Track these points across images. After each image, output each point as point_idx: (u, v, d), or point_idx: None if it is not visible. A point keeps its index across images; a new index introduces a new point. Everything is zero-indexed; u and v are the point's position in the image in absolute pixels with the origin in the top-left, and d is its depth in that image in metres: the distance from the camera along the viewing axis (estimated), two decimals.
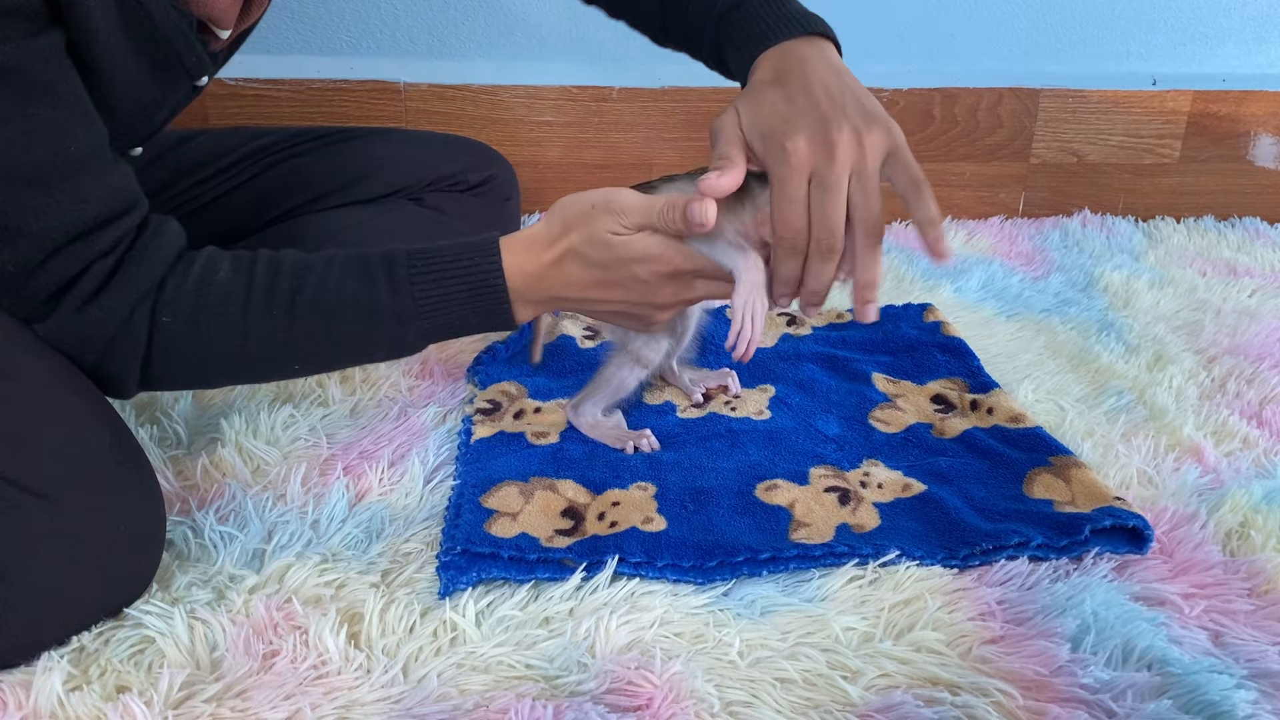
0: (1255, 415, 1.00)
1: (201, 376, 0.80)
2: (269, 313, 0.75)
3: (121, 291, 0.72)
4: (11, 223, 0.68)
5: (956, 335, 1.13)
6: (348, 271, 0.76)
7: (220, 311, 0.74)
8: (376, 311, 0.76)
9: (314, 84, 1.37)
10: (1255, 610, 0.74)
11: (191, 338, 0.75)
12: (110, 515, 0.71)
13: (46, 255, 0.70)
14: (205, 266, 0.75)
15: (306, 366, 0.80)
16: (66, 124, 0.69)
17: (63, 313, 0.72)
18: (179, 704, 0.64)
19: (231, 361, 0.77)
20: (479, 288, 0.77)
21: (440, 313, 0.77)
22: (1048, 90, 1.58)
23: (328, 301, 0.76)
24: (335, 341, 0.78)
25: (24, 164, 0.68)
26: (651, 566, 0.76)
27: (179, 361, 0.76)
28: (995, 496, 0.85)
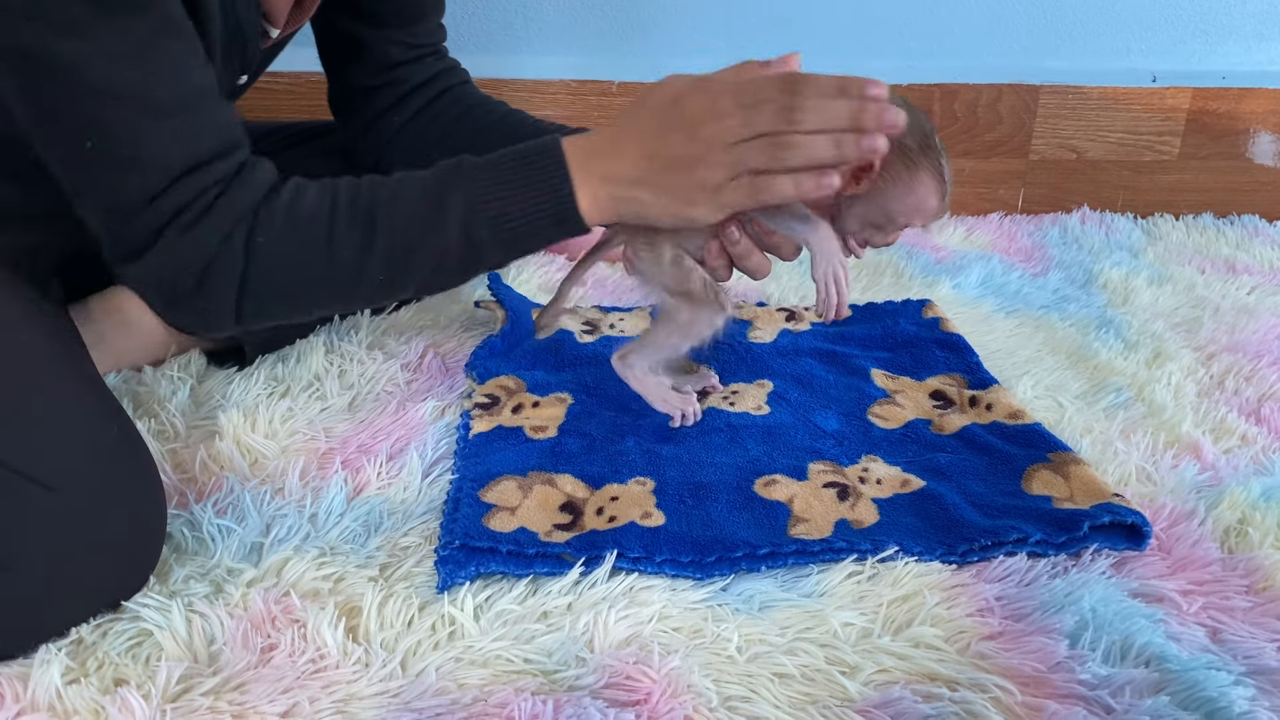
0: (1254, 412, 1.00)
1: (294, 297, 0.80)
2: (352, 221, 0.77)
3: (223, 216, 0.74)
4: (141, 149, 0.71)
5: (955, 331, 1.13)
6: (421, 176, 0.79)
7: (309, 224, 0.77)
8: (445, 200, 0.77)
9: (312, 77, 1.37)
10: (1253, 607, 0.74)
11: (284, 254, 0.76)
12: (113, 508, 0.71)
13: (169, 183, 0.72)
14: (294, 191, 0.78)
15: (390, 276, 0.79)
16: (190, 60, 0.73)
17: (167, 240, 0.73)
18: (177, 697, 0.64)
19: (322, 275, 0.78)
20: (540, 169, 0.78)
21: (504, 198, 0.77)
22: (1047, 86, 1.57)
23: (403, 200, 0.78)
24: (410, 240, 0.78)
25: (157, 95, 0.70)
26: (650, 561, 0.76)
27: (273, 281, 0.77)
28: (994, 492, 0.85)
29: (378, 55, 1.06)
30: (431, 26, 1.09)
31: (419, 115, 1.09)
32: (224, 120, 0.76)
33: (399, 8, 1.05)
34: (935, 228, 1.54)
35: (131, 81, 0.69)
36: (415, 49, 1.08)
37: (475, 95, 1.12)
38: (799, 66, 0.78)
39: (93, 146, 0.70)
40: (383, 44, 1.06)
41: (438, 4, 1.09)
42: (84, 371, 0.77)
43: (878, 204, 0.82)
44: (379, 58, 1.06)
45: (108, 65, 0.68)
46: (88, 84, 0.68)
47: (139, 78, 0.69)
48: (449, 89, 1.11)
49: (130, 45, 0.69)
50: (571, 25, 1.49)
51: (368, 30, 1.04)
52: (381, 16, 1.04)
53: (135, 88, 0.70)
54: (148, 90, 0.70)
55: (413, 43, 1.07)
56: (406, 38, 1.07)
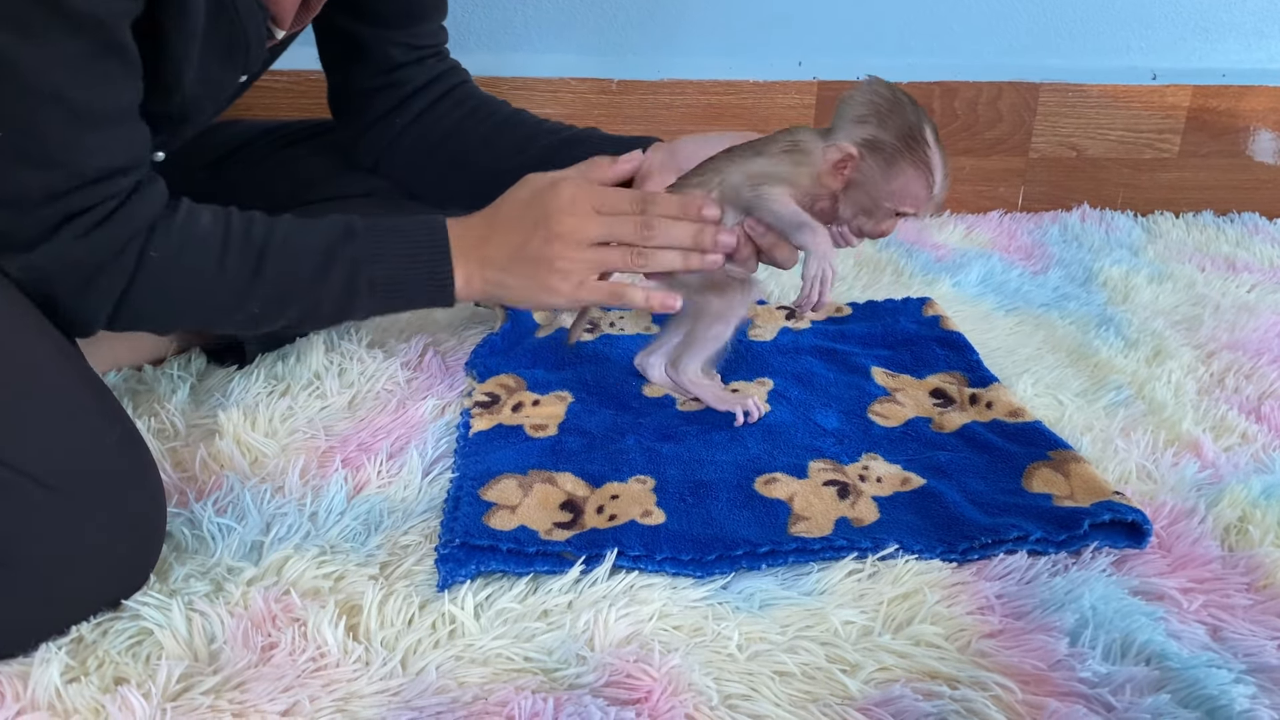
0: (1254, 410, 1.00)
1: (169, 313, 0.85)
2: (243, 252, 0.81)
3: (122, 226, 0.77)
4: (56, 154, 0.73)
5: (955, 329, 1.13)
6: (314, 224, 0.85)
7: (201, 248, 0.80)
8: (334, 253, 0.83)
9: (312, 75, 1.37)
10: (1253, 605, 0.74)
11: (172, 271, 0.80)
12: (114, 507, 0.71)
13: (73, 188, 0.74)
14: (189, 212, 0.81)
15: (264, 311, 0.84)
16: (126, 80, 0.76)
17: (61, 239, 0.75)
18: (177, 696, 0.64)
19: (201, 298, 0.83)
20: (425, 241, 0.86)
21: (386, 261, 0.85)
22: (1047, 84, 1.57)
23: (294, 244, 0.83)
24: (294, 281, 0.83)
25: (86, 106, 0.73)
26: (650, 560, 0.76)
27: (154, 296, 0.80)
28: (994, 490, 0.85)
29: (379, 56, 1.06)
30: (433, 28, 1.09)
31: (421, 117, 1.09)
32: (139, 139, 0.79)
33: (401, 8, 1.05)
34: (936, 222, 1.54)
35: (67, 88, 0.71)
36: (417, 50, 1.08)
37: (478, 95, 1.11)
38: (641, 163, 0.91)
39: (8, 138, 0.72)
40: (384, 45, 1.06)
41: (439, 5, 1.08)
42: (83, 370, 0.77)
43: (865, 192, 0.86)
44: (380, 59, 1.06)
45: (48, 68, 0.70)
46: (24, 81, 0.70)
47: (74, 86, 0.72)
48: (451, 90, 1.10)
49: (74, 55, 0.71)
50: (572, 23, 1.49)
51: (369, 30, 1.04)
52: (383, 17, 1.04)
53: (68, 95, 0.71)
54: (85, 102, 0.72)
55: (414, 44, 1.07)
56: (408, 39, 1.07)
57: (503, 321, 1.12)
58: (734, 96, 1.51)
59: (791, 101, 1.53)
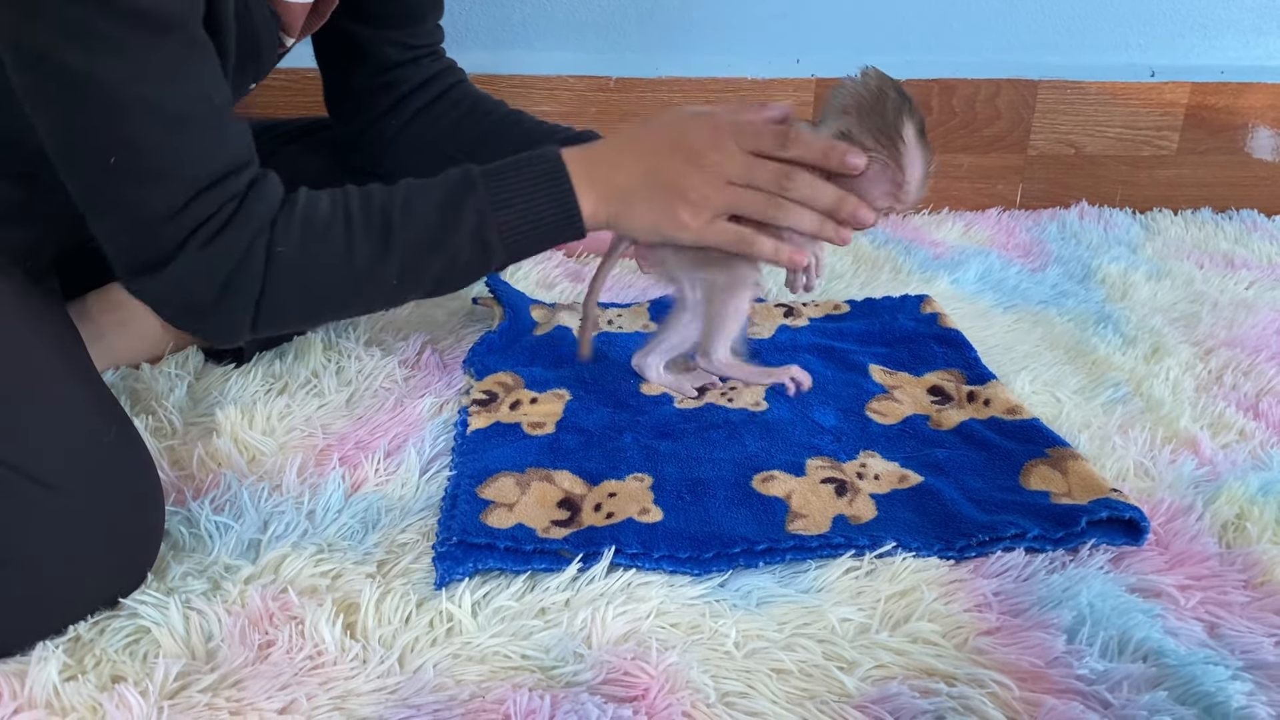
0: (1252, 407, 1.00)
1: (311, 305, 0.83)
2: (367, 227, 0.80)
3: (243, 228, 0.76)
4: (165, 164, 0.73)
5: (953, 327, 1.13)
6: (430, 184, 0.83)
7: (325, 234, 0.79)
8: (459, 209, 0.81)
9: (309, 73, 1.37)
10: (1251, 602, 0.74)
11: (302, 263, 0.79)
12: (111, 505, 0.71)
13: (190, 197, 0.74)
14: (307, 202, 0.80)
15: (403, 281, 0.83)
16: (214, 79, 0.75)
17: (188, 252, 0.75)
18: (174, 694, 0.64)
19: (337, 282, 0.81)
20: (544, 174, 0.83)
21: (514, 205, 0.82)
22: (1046, 82, 1.57)
23: (416, 208, 0.81)
24: (425, 244, 0.81)
25: (183, 110, 0.72)
26: (648, 557, 0.76)
27: (292, 290, 0.79)
28: (992, 488, 0.85)
29: (376, 56, 1.06)
30: (430, 28, 1.09)
31: (418, 116, 1.09)
32: (241, 137, 0.78)
33: (399, 8, 1.05)
34: (934, 219, 1.54)
35: (160, 98, 0.71)
36: (413, 50, 1.08)
37: (474, 94, 1.11)
38: (792, 113, 0.87)
39: (117, 161, 0.71)
40: (381, 45, 1.06)
41: (437, 4, 1.09)
42: (82, 369, 0.77)
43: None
44: (377, 59, 1.06)
45: (139, 82, 0.70)
46: (119, 101, 0.69)
47: (167, 94, 0.71)
48: (448, 90, 1.10)
49: (160, 63, 0.70)
50: (570, 21, 1.49)
51: (367, 31, 1.04)
52: (382, 18, 1.04)
53: (163, 104, 0.71)
54: (175, 106, 0.72)
55: (411, 44, 1.07)
56: (405, 39, 1.07)
57: (500, 319, 1.12)
58: (732, 94, 1.51)
59: (790, 99, 1.53)
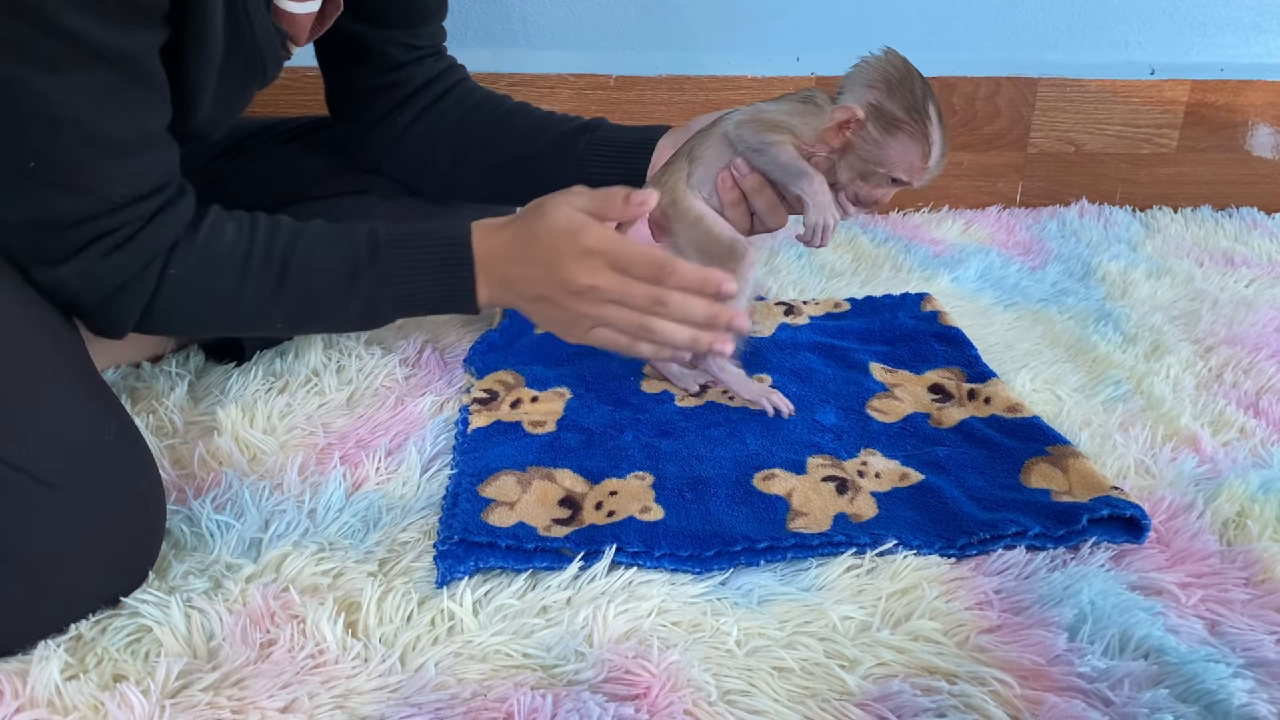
0: (1252, 405, 1.00)
1: (192, 323, 0.88)
2: (264, 270, 0.82)
3: (144, 247, 0.78)
4: (85, 181, 0.75)
5: (954, 325, 1.13)
6: (337, 239, 0.85)
7: (221, 268, 0.82)
8: (356, 274, 0.83)
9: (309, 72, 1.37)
10: (1252, 599, 0.74)
11: (193, 289, 0.82)
12: (112, 504, 0.71)
13: (100, 214, 0.76)
14: (212, 229, 0.82)
15: (289, 323, 0.87)
16: (152, 107, 0.77)
17: (85, 258, 0.77)
18: (176, 693, 0.64)
19: (224, 312, 0.84)
20: (449, 259, 0.85)
21: (409, 280, 0.84)
22: (1046, 79, 1.57)
23: (316, 261, 0.83)
24: (318, 299, 0.84)
25: (112, 135, 0.74)
26: (649, 556, 0.76)
27: (177, 309, 0.82)
28: (992, 486, 0.85)
29: (380, 56, 1.06)
30: (434, 29, 1.09)
31: (424, 114, 1.09)
32: (167, 160, 0.80)
33: (406, 9, 1.05)
34: (935, 217, 1.54)
35: (89, 121, 0.72)
36: (417, 50, 1.08)
37: (479, 91, 1.11)
38: (654, 201, 0.85)
39: (35, 166, 0.73)
40: (385, 45, 1.05)
41: (442, 5, 1.08)
42: (82, 368, 0.77)
43: (862, 156, 0.87)
44: (381, 59, 1.06)
45: (74, 102, 0.71)
46: (50, 116, 0.71)
47: (98, 119, 0.73)
48: (452, 87, 1.10)
49: (99, 89, 0.72)
50: (570, 19, 1.49)
51: (371, 31, 1.04)
52: (387, 18, 1.04)
53: (92, 128, 0.73)
54: (104, 131, 0.73)
55: (415, 44, 1.07)
56: (409, 39, 1.06)
57: (501, 318, 1.12)
58: (732, 92, 1.51)
59: None
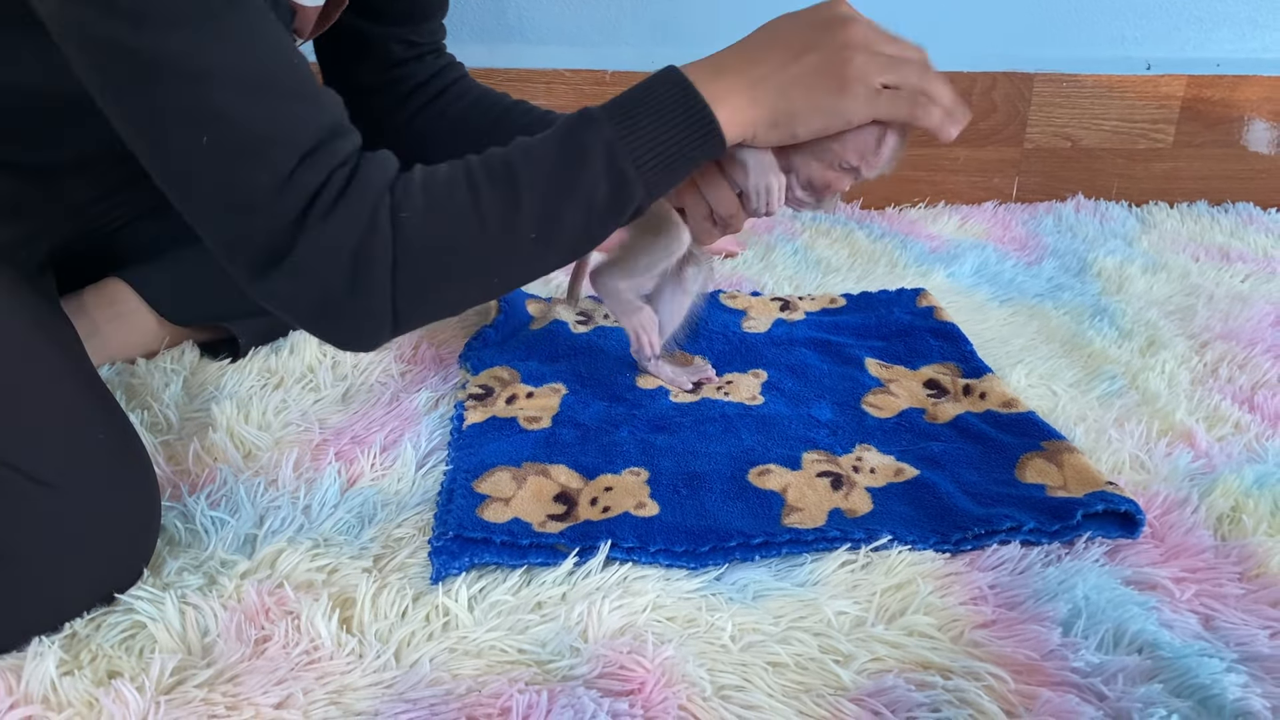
0: (1247, 400, 1.00)
1: (449, 276, 0.75)
2: (491, 181, 0.73)
3: (363, 194, 0.70)
4: (263, 132, 0.67)
5: (949, 320, 1.13)
6: (548, 132, 0.76)
7: (450, 194, 0.73)
8: (582, 139, 0.75)
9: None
10: (1246, 594, 0.74)
11: (432, 227, 0.72)
12: (107, 501, 0.71)
13: (296, 164, 0.68)
14: (424, 170, 0.74)
15: (541, 234, 0.75)
16: (287, 39, 0.70)
17: (309, 229, 0.69)
18: (170, 689, 0.64)
19: (473, 245, 0.74)
20: (669, 95, 0.76)
21: (642, 129, 0.75)
22: (1042, 75, 1.57)
23: (538, 152, 0.75)
24: (559, 190, 0.75)
25: (266, 75, 0.67)
26: (644, 551, 0.76)
27: (426, 261, 0.73)
28: (987, 481, 0.85)
29: (381, 53, 1.05)
30: (435, 26, 1.09)
31: (422, 112, 1.08)
32: (334, 101, 0.72)
33: (409, 6, 1.04)
34: (930, 212, 1.54)
35: (239, 62, 0.66)
36: (418, 47, 1.07)
37: (478, 88, 1.11)
38: None
39: (210, 139, 0.66)
40: (387, 42, 1.05)
41: (443, 2, 1.08)
42: (78, 365, 0.77)
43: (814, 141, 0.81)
44: (382, 56, 1.06)
45: (216, 50, 0.65)
46: (195, 71, 0.64)
47: (246, 57, 0.66)
48: (452, 84, 1.10)
49: (233, 28, 0.66)
50: (565, 14, 1.49)
51: (372, 28, 1.03)
52: (390, 15, 1.03)
53: (244, 67, 0.66)
54: (258, 69, 0.67)
55: (416, 40, 1.07)
56: (410, 35, 1.06)
57: (496, 314, 1.12)
58: None
59: None
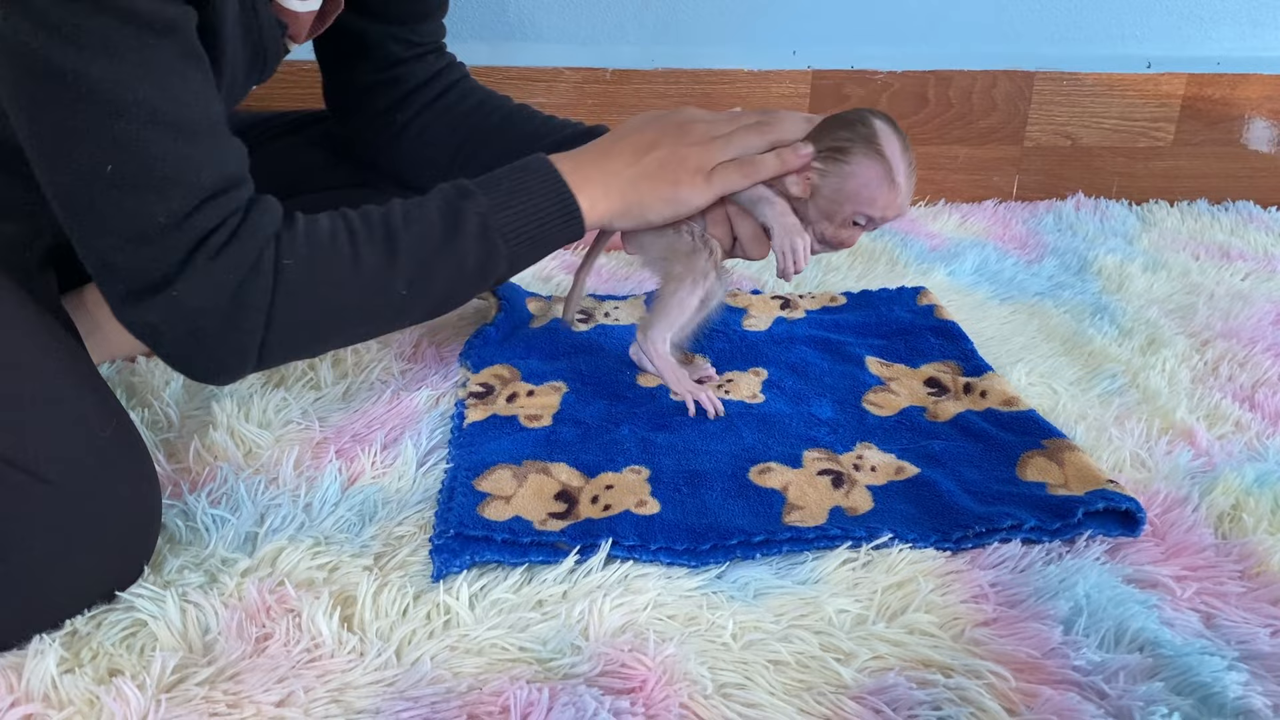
0: (1248, 398, 1.00)
1: (322, 322, 0.80)
2: (370, 236, 0.78)
3: (250, 239, 0.73)
4: (170, 171, 0.69)
5: (950, 319, 1.13)
6: (424, 198, 0.82)
7: (331, 245, 0.77)
8: (460, 215, 0.81)
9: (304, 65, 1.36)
10: (1246, 592, 0.74)
11: (310, 276, 0.76)
12: (108, 499, 0.70)
13: (194, 207, 0.71)
14: (307, 218, 0.78)
15: (413, 290, 0.80)
16: (208, 89, 0.73)
17: (194, 266, 0.72)
18: (171, 687, 0.64)
19: (347, 295, 0.78)
20: (538, 178, 0.84)
21: (513, 205, 0.83)
22: (1042, 73, 1.57)
23: (416, 215, 0.80)
24: (433, 251, 0.80)
25: (183, 116, 0.70)
26: (645, 549, 0.76)
27: (301, 306, 0.76)
28: (988, 479, 0.85)
29: (379, 52, 1.05)
30: (434, 25, 1.08)
31: (422, 114, 1.08)
32: (239, 154, 0.76)
33: (409, 5, 1.04)
34: (931, 211, 1.54)
35: (160, 101, 0.68)
36: (417, 46, 1.07)
37: (479, 90, 1.11)
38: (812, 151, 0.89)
39: (114, 168, 0.68)
40: (385, 41, 1.05)
41: (443, 1, 1.08)
42: (78, 362, 0.77)
43: (827, 196, 0.87)
44: (380, 55, 1.05)
45: (138, 83, 0.67)
46: (116, 102, 0.67)
47: (167, 98, 0.68)
48: (452, 85, 1.10)
49: (159, 66, 0.68)
50: (566, 12, 1.49)
51: (372, 26, 1.03)
52: (388, 14, 1.03)
53: (163, 107, 0.68)
54: (175, 111, 0.69)
55: (415, 40, 1.06)
56: (410, 35, 1.06)
57: (497, 312, 1.12)
58: (728, 85, 1.51)
59: (786, 90, 1.53)
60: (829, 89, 1.54)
